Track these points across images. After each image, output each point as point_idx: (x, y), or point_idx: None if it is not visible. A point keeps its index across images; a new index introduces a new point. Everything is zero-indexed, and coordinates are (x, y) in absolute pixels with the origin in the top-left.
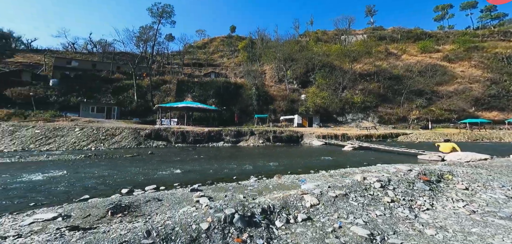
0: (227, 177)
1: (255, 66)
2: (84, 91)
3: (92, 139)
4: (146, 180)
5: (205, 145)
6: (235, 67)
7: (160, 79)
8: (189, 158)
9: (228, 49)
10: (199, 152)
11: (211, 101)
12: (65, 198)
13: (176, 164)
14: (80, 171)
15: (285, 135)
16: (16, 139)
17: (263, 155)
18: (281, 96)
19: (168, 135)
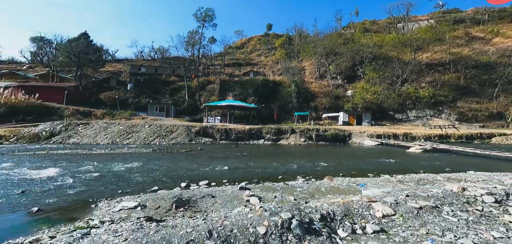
0: (272, 176)
1: (294, 62)
2: (150, 93)
3: (157, 135)
4: (199, 175)
5: (246, 142)
6: (272, 65)
7: (206, 80)
8: (233, 155)
9: (265, 48)
10: (242, 149)
11: (251, 99)
12: (140, 188)
13: (222, 160)
14: (149, 164)
15: (329, 134)
16: (107, 134)
17: (306, 154)
18: (323, 92)
19: (213, 132)
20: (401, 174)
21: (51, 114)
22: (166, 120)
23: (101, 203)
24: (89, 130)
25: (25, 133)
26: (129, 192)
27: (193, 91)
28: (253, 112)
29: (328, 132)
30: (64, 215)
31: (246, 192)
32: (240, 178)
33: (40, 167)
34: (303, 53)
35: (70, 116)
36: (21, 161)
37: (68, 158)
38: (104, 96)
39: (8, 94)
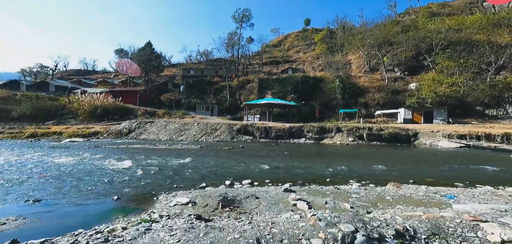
0: (319, 178)
1: (337, 57)
2: (197, 94)
3: (204, 133)
4: (242, 173)
5: (286, 140)
6: (312, 60)
7: (245, 79)
8: (273, 153)
9: (304, 44)
10: (282, 148)
11: (290, 97)
12: (191, 184)
13: (264, 159)
14: (197, 160)
15: (386, 133)
16: (166, 131)
17: (356, 155)
18: (376, 87)
19: (253, 130)
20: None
21: (129, 114)
22: (211, 119)
23: (161, 196)
24: (154, 128)
25: (112, 130)
26: (182, 187)
27: (234, 90)
28: (292, 110)
29: (385, 130)
30: (134, 204)
31: (292, 195)
32: (282, 178)
33: (120, 159)
34: (348, 46)
35: (141, 115)
36: (109, 153)
37: (139, 151)
38: (164, 98)
39: (102, 98)
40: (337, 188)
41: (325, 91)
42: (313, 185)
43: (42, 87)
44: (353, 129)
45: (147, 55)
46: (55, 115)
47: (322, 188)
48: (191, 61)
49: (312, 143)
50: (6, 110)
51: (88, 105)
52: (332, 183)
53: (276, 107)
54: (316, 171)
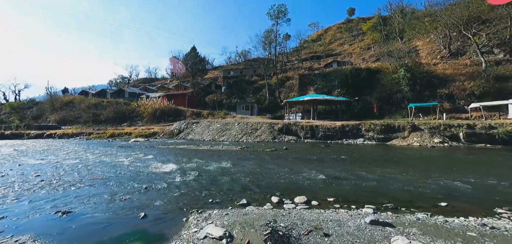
0: (418, 199)
1: (396, 44)
2: (237, 93)
3: (244, 133)
4: (291, 184)
5: (338, 141)
6: (361, 52)
7: (284, 77)
8: (327, 157)
9: (349, 35)
10: (335, 151)
11: (336, 92)
12: (229, 198)
13: (315, 164)
14: (238, 164)
15: (503, 131)
16: (209, 131)
17: (458, 162)
18: (465, 74)
19: (297, 129)
20: None
21: (180, 115)
22: (251, 118)
23: (191, 217)
24: (198, 128)
25: (166, 130)
26: (219, 203)
27: (273, 88)
28: (341, 106)
29: (499, 128)
30: (159, 228)
31: (396, 240)
32: (352, 196)
33: (165, 161)
34: (411, 31)
35: (189, 116)
36: (158, 154)
37: (183, 153)
38: (208, 99)
39: (159, 101)
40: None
41: (383, 83)
42: (416, 212)
43: (119, 94)
44: (439, 126)
45: (193, 59)
46: (128, 118)
47: (445, 223)
48: (230, 63)
49: (375, 144)
50: (97, 114)
51: (150, 108)
52: (456, 211)
53: (322, 103)
54: (401, 185)
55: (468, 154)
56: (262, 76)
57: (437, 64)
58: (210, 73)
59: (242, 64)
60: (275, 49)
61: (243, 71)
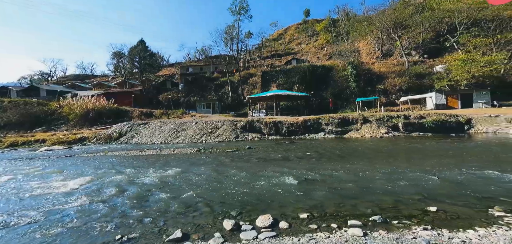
0: (403, 202)
1: (343, 45)
2: (197, 91)
3: (203, 132)
4: (252, 196)
5: (301, 136)
6: (316, 51)
7: (247, 74)
8: (292, 155)
9: (305, 35)
10: (300, 147)
11: (296, 87)
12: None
13: (281, 165)
14: (189, 171)
15: (429, 120)
16: (161, 133)
17: (412, 151)
18: (395, 72)
19: (261, 126)
20: None
21: (123, 117)
22: (212, 117)
23: None
24: (147, 130)
25: (102, 134)
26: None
27: (236, 85)
28: (302, 102)
29: (426, 118)
30: None
31: None
32: (328, 206)
33: (78, 174)
34: (354, 33)
35: (136, 117)
36: (74, 164)
37: (115, 161)
38: (162, 98)
39: (94, 101)
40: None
41: (336, 80)
42: (411, 225)
43: (31, 93)
44: (383, 118)
45: (141, 54)
46: (44, 121)
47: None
48: (190, 60)
49: (334, 137)
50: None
51: (79, 109)
52: (447, 217)
53: (284, 99)
54: (377, 184)
55: (413, 143)
56: (224, 73)
57: (374, 63)
58: (165, 70)
59: (202, 61)
60: (237, 46)
61: (204, 68)
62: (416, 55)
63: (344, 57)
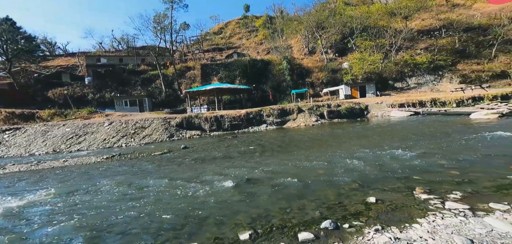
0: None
1: (278, 42)
2: (115, 86)
3: (122, 134)
4: (179, 215)
5: (245, 130)
6: (256, 46)
7: (184, 67)
8: (234, 151)
9: (245, 30)
10: (243, 141)
11: (238, 81)
12: None
13: (221, 164)
14: (80, 190)
15: (344, 108)
16: (47, 140)
17: (336, 136)
18: (318, 67)
19: (201, 122)
20: None
21: None
22: (139, 115)
23: None
24: (20, 138)
25: None
26: None
27: (170, 80)
28: (244, 95)
29: (341, 106)
30: None
31: None
32: (274, 215)
33: None
34: (287, 31)
35: (3, 121)
36: None
37: None
38: (53, 94)
39: None
40: None
41: (274, 73)
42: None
43: None
44: (313, 107)
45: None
46: None
47: None
48: (103, 49)
49: (275, 128)
50: None
51: None
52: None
53: (226, 93)
54: (317, 177)
55: (336, 128)
56: (155, 66)
57: (303, 59)
58: (60, 60)
59: (124, 51)
60: (171, 37)
61: (125, 59)
62: (331, 53)
63: (280, 53)
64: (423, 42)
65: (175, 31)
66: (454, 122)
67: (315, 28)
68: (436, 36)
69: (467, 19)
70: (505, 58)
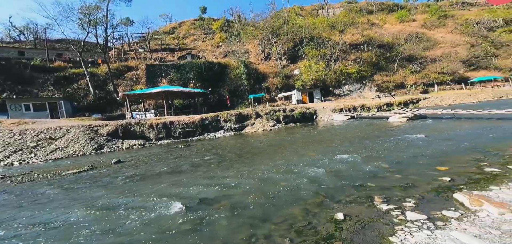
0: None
1: (236, 46)
2: (10, 85)
3: (14, 148)
4: None
5: (200, 137)
6: (213, 49)
7: (123, 66)
8: (186, 163)
9: (202, 32)
10: (197, 150)
11: (192, 84)
12: None
13: (168, 181)
14: None
15: (297, 113)
16: None
17: (292, 142)
18: (273, 72)
19: (144, 129)
20: None
21: None
22: (49, 123)
23: None
24: None
25: None
26: None
27: (102, 80)
28: (199, 99)
29: (295, 111)
30: None
31: None
32: None
33: None
34: (245, 35)
35: None
36: None
37: None
38: None
39: None
40: None
41: (231, 77)
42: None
43: None
44: (270, 112)
45: None
46: None
47: None
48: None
49: (233, 134)
50: None
51: None
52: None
53: (178, 96)
54: (283, 191)
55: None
56: (78, 62)
57: (259, 64)
58: None
59: (29, 43)
60: (106, 31)
61: (29, 52)
62: (285, 60)
63: (237, 57)
64: (353, 54)
65: (112, 26)
66: (379, 124)
67: (271, 35)
68: (361, 49)
69: (380, 37)
70: (403, 72)
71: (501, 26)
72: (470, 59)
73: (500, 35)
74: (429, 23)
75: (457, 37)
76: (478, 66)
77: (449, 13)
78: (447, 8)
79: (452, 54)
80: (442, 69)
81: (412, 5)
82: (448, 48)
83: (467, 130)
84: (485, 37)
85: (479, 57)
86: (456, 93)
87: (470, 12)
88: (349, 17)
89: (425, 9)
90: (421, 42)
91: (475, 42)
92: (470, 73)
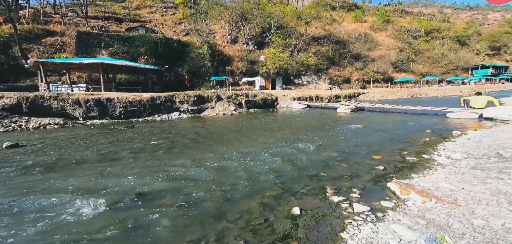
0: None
1: (201, 24)
2: None
3: None
4: None
5: (148, 118)
6: (173, 25)
7: (40, 29)
8: (124, 149)
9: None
10: (142, 133)
11: (143, 60)
12: None
13: (94, 171)
14: None
15: (259, 99)
16: None
17: (254, 128)
18: (239, 57)
19: (65, 105)
20: None
21: None
22: None
23: None
24: None
25: None
26: None
27: (4, 43)
28: (151, 76)
29: (257, 96)
30: None
31: None
32: None
33: None
34: (212, 15)
35: None
36: None
37: None
38: None
39: None
40: None
41: (193, 57)
42: None
43: None
44: (232, 96)
45: None
46: None
47: None
48: None
49: (191, 117)
50: None
51: None
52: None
53: (122, 71)
54: (241, 182)
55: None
56: None
57: (225, 47)
58: None
59: None
60: None
61: None
62: (251, 45)
63: (202, 36)
64: (314, 47)
65: None
66: (329, 114)
67: (240, 18)
68: (321, 43)
69: (338, 33)
70: (350, 68)
71: (422, 36)
72: (397, 62)
73: (420, 44)
74: (376, 26)
75: (392, 42)
76: (401, 69)
77: (391, 18)
78: (390, 14)
79: (386, 56)
80: (378, 68)
81: (366, 7)
82: (384, 50)
83: (392, 122)
84: (410, 44)
85: (403, 61)
86: (384, 91)
87: (405, 20)
88: (316, 10)
89: (375, 12)
90: (367, 43)
91: (403, 47)
92: (395, 74)
